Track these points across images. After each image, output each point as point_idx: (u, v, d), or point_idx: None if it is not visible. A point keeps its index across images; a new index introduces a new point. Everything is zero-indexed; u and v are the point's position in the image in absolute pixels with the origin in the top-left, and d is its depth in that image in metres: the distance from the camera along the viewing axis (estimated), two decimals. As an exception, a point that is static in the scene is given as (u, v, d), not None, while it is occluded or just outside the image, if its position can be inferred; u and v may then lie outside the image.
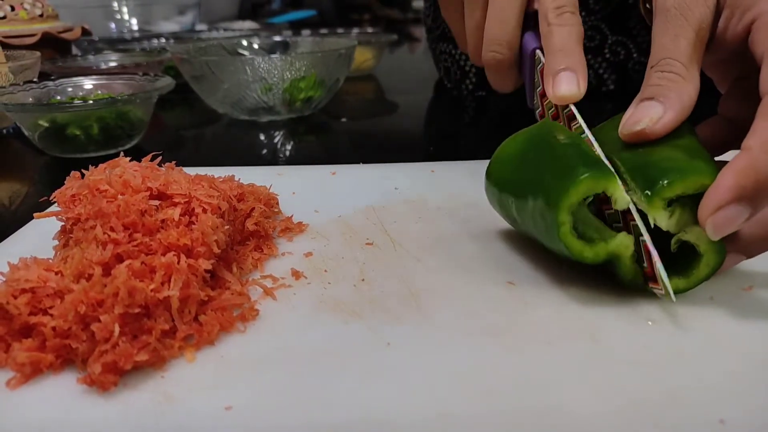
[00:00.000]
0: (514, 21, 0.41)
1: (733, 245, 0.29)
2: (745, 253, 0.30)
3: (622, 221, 0.31)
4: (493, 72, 0.43)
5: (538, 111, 0.40)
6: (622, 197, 0.28)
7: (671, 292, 0.28)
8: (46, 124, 0.58)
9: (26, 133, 0.59)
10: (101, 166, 0.34)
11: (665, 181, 0.28)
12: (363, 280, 0.33)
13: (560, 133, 0.32)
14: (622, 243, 0.29)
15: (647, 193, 0.28)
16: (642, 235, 0.29)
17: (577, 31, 0.37)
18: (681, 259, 0.30)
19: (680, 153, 0.29)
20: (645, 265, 0.29)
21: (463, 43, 0.47)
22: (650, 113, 0.30)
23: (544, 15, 0.38)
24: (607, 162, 0.30)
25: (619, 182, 0.29)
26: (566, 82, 0.35)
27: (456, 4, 0.46)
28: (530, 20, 0.41)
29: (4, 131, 0.70)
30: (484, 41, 0.42)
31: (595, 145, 0.32)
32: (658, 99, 0.30)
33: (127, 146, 0.61)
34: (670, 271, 0.28)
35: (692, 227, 0.28)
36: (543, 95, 0.37)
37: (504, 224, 0.38)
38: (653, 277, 0.29)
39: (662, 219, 0.28)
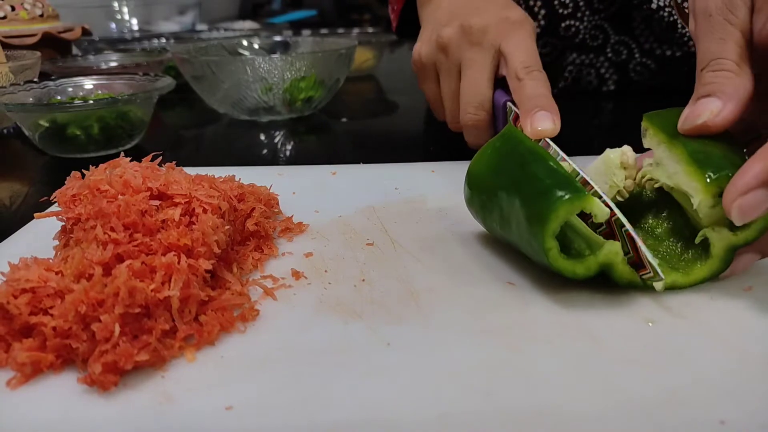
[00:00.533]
0: (487, 84, 0.48)
1: (751, 245, 0.30)
2: (762, 253, 0.31)
3: (605, 222, 0.31)
4: (472, 132, 0.49)
5: None
6: (600, 211, 0.28)
7: (659, 272, 0.28)
8: (46, 124, 0.58)
9: (27, 133, 0.59)
10: (101, 166, 0.34)
11: (728, 173, 0.28)
12: (363, 280, 0.33)
13: (525, 143, 0.33)
14: (610, 251, 0.29)
15: (710, 176, 0.28)
16: (624, 226, 0.29)
17: (545, 83, 0.43)
18: (685, 258, 0.30)
19: (736, 154, 0.30)
20: (631, 254, 0.30)
21: (440, 111, 0.54)
22: (710, 107, 0.30)
23: (514, 73, 0.44)
24: (578, 170, 0.31)
25: (595, 198, 0.28)
26: (543, 119, 0.39)
27: (432, 76, 0.54)
28: (498, 84, 0.48)
29: (5, 131, 0.70)
30: (461, 106, 0.49)
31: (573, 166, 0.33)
32: (716, 94, 0.30)
33: (128, 146, 0.61)
34: (673, 268, 0.29)
35: (722, 228, 0.29)
36: None
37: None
38: (641, 264, 0.29)
39: (707, 205, 0.29)
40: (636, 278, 0.30)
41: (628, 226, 0.29)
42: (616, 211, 0.30)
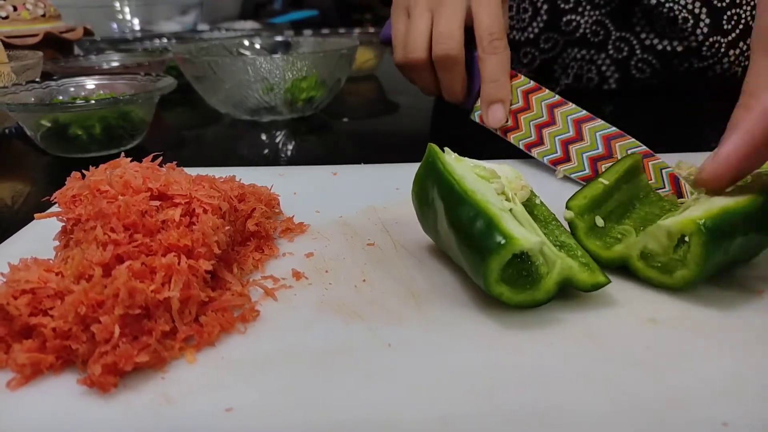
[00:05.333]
0: (458, 20, 0.51)
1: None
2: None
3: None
4: (445, 70, 0.53)
5: (477, 113, 0.53)
6: (532, 247, 0.28)
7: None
8: (48, 124, 0.58)
9: (28, 133, 0.59)
10: (102, 166, 0.34)
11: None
12: (364, 280, 0.33)
13: (446, 167, 0.32)
14: (563, 268, 0.29)
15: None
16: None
17: (503, 59, 0.49)
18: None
19: None
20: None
21: (402, 48, 0.57)
22: None
23: (480, 41, 0.50)
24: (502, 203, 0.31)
25: (526, 235, 0.28)
26: (498, 112, 0.49)
27: (403, 12, 0.57)
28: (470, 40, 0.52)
29: (7, 131, 0.70)
30: (433, 38, 0.52)
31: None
32: None
33: (129, 146, 0.61)
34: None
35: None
36: None
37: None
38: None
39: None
40: (599, 280, 0.29)
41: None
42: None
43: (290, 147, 0.64)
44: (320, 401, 0.24)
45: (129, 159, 0.35)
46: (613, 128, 0.46)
